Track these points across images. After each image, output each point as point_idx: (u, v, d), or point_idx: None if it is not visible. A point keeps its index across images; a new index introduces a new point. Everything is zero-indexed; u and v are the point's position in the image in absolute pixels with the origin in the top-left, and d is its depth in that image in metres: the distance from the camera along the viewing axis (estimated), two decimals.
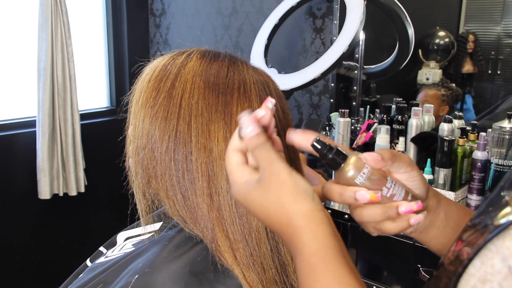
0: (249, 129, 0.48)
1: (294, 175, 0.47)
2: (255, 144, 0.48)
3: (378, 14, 2.04)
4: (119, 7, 2.75)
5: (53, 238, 2.52)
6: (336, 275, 0.44)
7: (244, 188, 0.49)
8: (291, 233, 0.47)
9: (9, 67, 2.36)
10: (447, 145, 1.54)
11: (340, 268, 0.44)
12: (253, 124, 0.49)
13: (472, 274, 0.41)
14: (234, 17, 2.45)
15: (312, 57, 2.18)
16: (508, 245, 0.39)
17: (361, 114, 2.06)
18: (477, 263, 0.41)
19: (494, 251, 0.40)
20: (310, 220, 0.46)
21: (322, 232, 0.46)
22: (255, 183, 0.48)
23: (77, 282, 0.70)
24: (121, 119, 0.72)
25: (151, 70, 0.65)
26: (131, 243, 0.75)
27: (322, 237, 0.46)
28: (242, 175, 0.49)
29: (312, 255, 0.45)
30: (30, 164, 2.31)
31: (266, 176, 0.47)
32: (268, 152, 0.48)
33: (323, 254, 0.45)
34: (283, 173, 0.47)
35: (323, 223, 0.47)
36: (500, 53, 1.96)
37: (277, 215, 0.47)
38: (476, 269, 0.41)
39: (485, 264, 0.40)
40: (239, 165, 0.50)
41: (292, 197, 0.46)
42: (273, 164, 0.47)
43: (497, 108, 1.89)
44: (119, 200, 2.25)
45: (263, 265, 0.58)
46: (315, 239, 0.46)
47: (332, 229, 0.47)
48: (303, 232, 0.46)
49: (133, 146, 0.65)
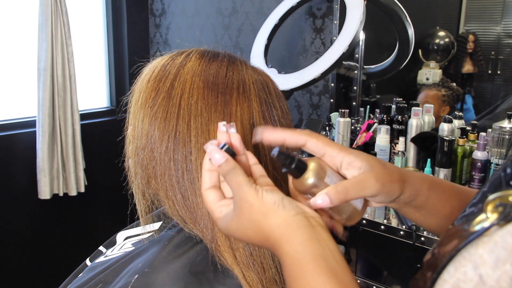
0: (217, 157, 0.50)
1: (260, 193, 0.48)
2: (225, 171, 0.50)
3: (378, 14, 2.04)
4: (119, 7, 2.75)
5: (53, 238, 2.52)
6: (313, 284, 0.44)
7: (225, 222, 0.51)
8: (272, 247, 0.48)
9: (9, 67, 2.37)
10: (447, 145, 1.54)
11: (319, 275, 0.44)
12: (219, 152, 0.50)
13: (446, 280, 0.40)
14: (234, 17, 2.45)
15: (312, 57, 2.18)
16: (480, 253, 0.39)
17: (361, 114, 2.06)
18: (451, 269, 0.41)
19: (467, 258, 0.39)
20: (284, 230, 0.47)
21: (297, 239, 0.46)
22: (231, 213, 0.50)
23: (77, 281, 0.70)
24: (120, 119, 0.72)
25: (150, 70, 0.65)
26: (130, 242, 0.75)
27: (299, 244, 0.45)
28: (220, 210, 0.52)
29: (291, 264, 0.46)
30: (30, 164, 2.31)
31: (237, 203, 0.49)
32: (237, 177, 0.49)
33: (300, 264, 0.45)
34: (249, 195, 0.48)
35: (299, 229, 0.46)
36: (500, 53, 1.96)
37: (256, 236, 0.49)
38: (450, 275, 0.40)
39: (458, 271, 0.40)
40: (216, 203, 0.52)
41: (262, 215, 0.48)
42: (240, 189, 0.49)
43: (497, 108, 1.89)
44: (119, 200, 2.25)
45: (262, 265, 0.58)
46: (292, 247, 0.46)
47: (309, 233, 0.46)
48: (281, 243, 0.47)
49: (133, 147, 0.65)
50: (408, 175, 0.56)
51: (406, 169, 0.58)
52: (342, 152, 0.52)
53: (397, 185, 0.53)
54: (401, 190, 0.54)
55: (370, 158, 0.53)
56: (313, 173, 0.51)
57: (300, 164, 0.51)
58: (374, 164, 0.52)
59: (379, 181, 0.51)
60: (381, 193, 0.51)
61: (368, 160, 0.52)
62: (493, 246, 0.38)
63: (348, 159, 0.52)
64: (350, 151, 0.53)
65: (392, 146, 1.72)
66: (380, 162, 0.53)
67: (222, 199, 0.52)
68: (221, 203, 0.52)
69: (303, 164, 0.51)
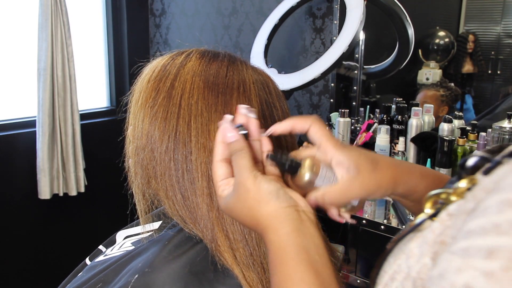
0: (229, 135, 0.52)
1: (258, 180, 0.50)
2: (233, 150, 0.52)
3: (378, 14, 2.04)
4: (119, 7, 2.75)
5: (53, 238, 2.51)
6: (291, 272, 0.45)
7: (224, 201, 0.53)
8: (260, 233, 0.50)
9: (9, 67, 2.36)
10: (447, 145, 1.54)
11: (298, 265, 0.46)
12: (233, 131, 0.53)
13: (386, 271, 0.42)
14: (234, 17, 2.45)
15: (312, 57, 2.18)
16: (411, 247, 0.40)
17: (361, 114, 2.06)
18: (391, 260, 0.42)
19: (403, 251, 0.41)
20: (273, 219, 0.49)
21: (283, 229, 0.48)
22: (231, 193, 0.52)
23: (76, 280, 0.70)
24: (120, 119, 0.72)
25: (151, 70, 0.65)
26: (130, 241, 0.75)
27: (284, 234, 0.47)
28: (223, 189, 0.53)
29: (274, 252, 0.48)
30: (30, 164, 2.31)
31: (236, 186, 0.51)
32: (241, 160, 0.51)
33: (283, 252, 0.47)
34: (247, 181, 0.50)
35: (287, 220, 0.48)
36: (500, 53, 1.96)
37: (248, 219, 0.51)
38: (389, 266, 0.42)
39: (395, 262, 0.41)
40: (221, 180, 0.53)
41: (256, 202, 0.50)
42: (240, 173, 0.51)
43: (497, 108, 1.89)
44: (119, 200, 2.25)
45: (262, 265, 0.58)
46: (277, 237, 0.48)
47: (296, 225, 0.48)
48: (268, 231, 0.49)
49: (133, 147, 0.65)
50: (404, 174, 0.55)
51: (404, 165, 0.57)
52: (334, 148, 0.53)
53: (386, 187, 0.53)
54: (392, 190, 0.54)
55: (362, 159, 0.52)
56: (307, 170, 0.53)
57: (293, 164, 0.54)
58: (362, 168, 0.52)
59: (364, 188, 0.52)
60: (367, 197, 0.53)
61: (358, 162, 0.52)
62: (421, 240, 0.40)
63: (337, 159, 0.53)
64: (342, 149, 0.53)
65: (392, 146, 1.72)
66: (371, 164, 0.52)
67: (229, 176, 0.54)
68: (226, 181, 0.53)
69: (296, 163, 0.54)
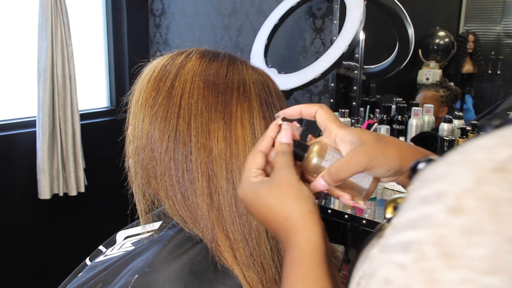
0: (285, 137, 0.54)
1: (302, 183, 0.51)
2: (282, 149, 0.53)
3: (378, 14, 2.04)
4: (119, 7, 2.75)
5: (53, 238, 2.51)
6: (314, 276, 0.46)
7: (254, 186, 0.52)
8: (288, 227, 0.49)
9: (9, 67, 2.36)
10: (447, 145, 1.54)
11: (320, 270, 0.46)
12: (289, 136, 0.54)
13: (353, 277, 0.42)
14: (234, 17, 2.45)
15: (312, 57, 2.18)
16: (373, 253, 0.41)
17: (361, 114, 2.06)
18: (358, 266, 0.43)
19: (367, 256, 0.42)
20: (309, 220, 0.49)
21: (316, 233, 0.48)
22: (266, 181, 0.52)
23: (77, 281, 0.70)
24: (120, 119, 0.72)
25: (151, 70, 0.65)
26: (130, 242, 0.75)
27: (314, 238, 0.48)
28: (256, 175, 0.53)
29: (302, 252, 0.47)
30: (30, 164, 2.31)
31: (277, 176, 0.51)
32: (288, 160, 0.53)
33: (311, 254, 0.47)
34: (292, 178, 0.51)
35: (319, 225, 0.49)
36: (500, 53, 1.96)
37: (278, 209, 0.50)
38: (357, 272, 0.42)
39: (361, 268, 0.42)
40: (257, 168, 0.53)
41: (295, 197, 0.50)
42: (286, 169, 0.51)
43: (497, 108, 1.89)
44: (119, 200, 2.25)
45: (263, 265, 0.58)
46: (309, 238, 0.48)
47: (324, 233, 0.49)
48: (300, 228, 0.48)
49: (133, 146, 0.65)
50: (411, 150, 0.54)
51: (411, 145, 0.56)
52: (338, 127, 0.54)
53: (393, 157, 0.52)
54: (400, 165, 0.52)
55: (365, 134, 0.52)
56: (315, 154, 0.54)
57: (301, 147, 0.55)
58: (366, 139, 0.52)
59: (368, 156, 0.51)
60: (373, 166, 0.51)
61: (361, 135, 0.52)
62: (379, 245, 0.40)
63: (340, 135, 0.53)
64: (345, 128, 0.54)
65: None
66: (376, 136, 0.52)
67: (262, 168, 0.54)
68: (259, 171, 0.54)
69: (304, 146, 0.55)
